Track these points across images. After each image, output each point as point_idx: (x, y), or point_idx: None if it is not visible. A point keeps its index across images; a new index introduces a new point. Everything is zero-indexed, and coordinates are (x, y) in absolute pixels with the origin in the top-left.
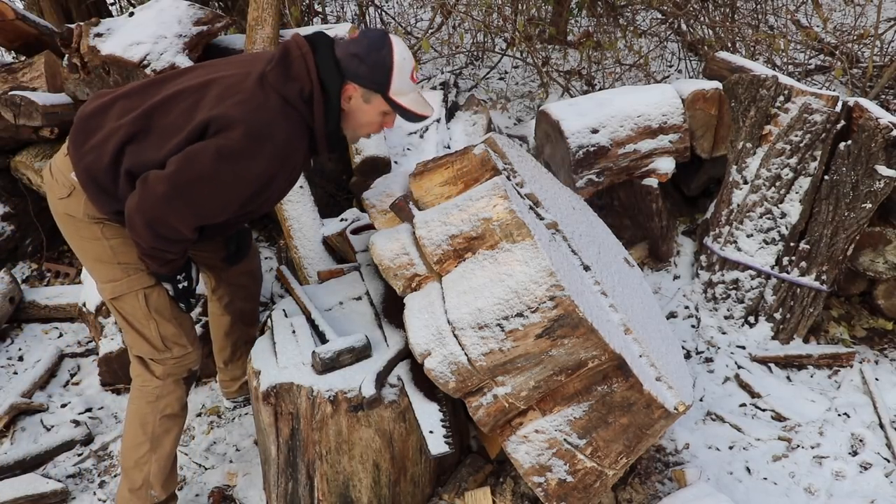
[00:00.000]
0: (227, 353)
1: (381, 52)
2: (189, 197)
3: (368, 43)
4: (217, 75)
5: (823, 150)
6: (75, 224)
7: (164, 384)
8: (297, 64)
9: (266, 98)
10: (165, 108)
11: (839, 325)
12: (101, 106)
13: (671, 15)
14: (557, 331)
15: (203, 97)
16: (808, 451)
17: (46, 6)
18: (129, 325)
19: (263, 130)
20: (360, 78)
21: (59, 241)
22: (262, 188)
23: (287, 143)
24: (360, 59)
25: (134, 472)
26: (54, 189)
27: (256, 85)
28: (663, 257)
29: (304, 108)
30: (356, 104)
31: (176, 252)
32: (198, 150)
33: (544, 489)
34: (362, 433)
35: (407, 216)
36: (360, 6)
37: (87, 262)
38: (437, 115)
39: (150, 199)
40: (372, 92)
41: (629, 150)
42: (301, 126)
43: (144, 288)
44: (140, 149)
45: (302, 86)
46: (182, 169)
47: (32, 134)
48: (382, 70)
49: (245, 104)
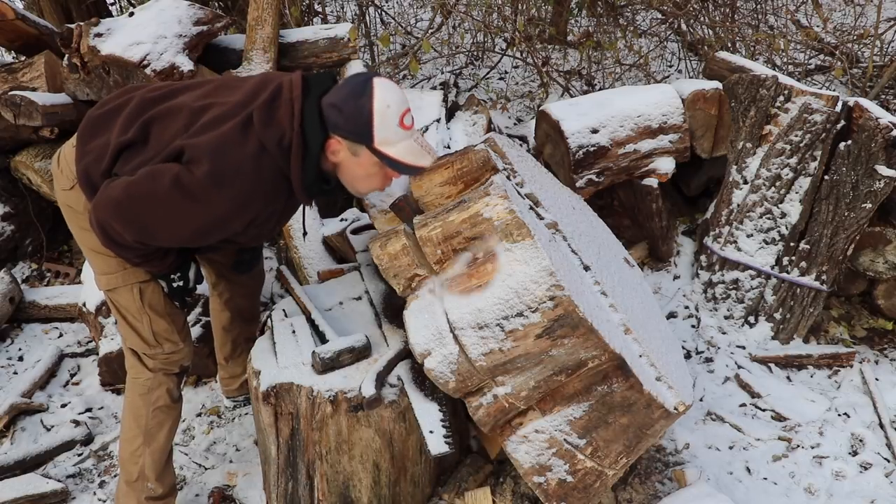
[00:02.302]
0: (227, 350)
1: (360, 100)
2: (137, 211)
3: (348, 91)
4: (219, 100)
5: (823, 150)
6: (76, 216)
7: (154, 377)
8: (283, 109)
9: (243, 141)
10: (164, 121)
11: (839, 325)
12: (115, 108)
13: (671, 15)
14: (557, 331)
15: (196, 121)
16: (808, 451)
17: (46, 6)
18: (123, 317)
19: (228, 175)
20: (340, 130)
21: (59, 242)
22: (211, 230)
23: (247, 194)
24: (338, 108)
25: (129, 464)
26: (59, 179)
27: (240, 124)
28: (663, 257)
29: (280, 158)
30: (344, 158)
31: (135, 256)
32: (161, 171)
33: (544, 489)
34: (362, 433)
35: (407, 216)
36: (360, 6)
37: (86, 252)
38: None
39: (104, 201)
40: (356, 144)
41: (629, 150)
42: (275, 176)
43: (139, 282)
44: (131, 156)
45: (283, 133)
46: (140, 182)
47: (32, 134)
48: (360, 120)
49: (220, 141)
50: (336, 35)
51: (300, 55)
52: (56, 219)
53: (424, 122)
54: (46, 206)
